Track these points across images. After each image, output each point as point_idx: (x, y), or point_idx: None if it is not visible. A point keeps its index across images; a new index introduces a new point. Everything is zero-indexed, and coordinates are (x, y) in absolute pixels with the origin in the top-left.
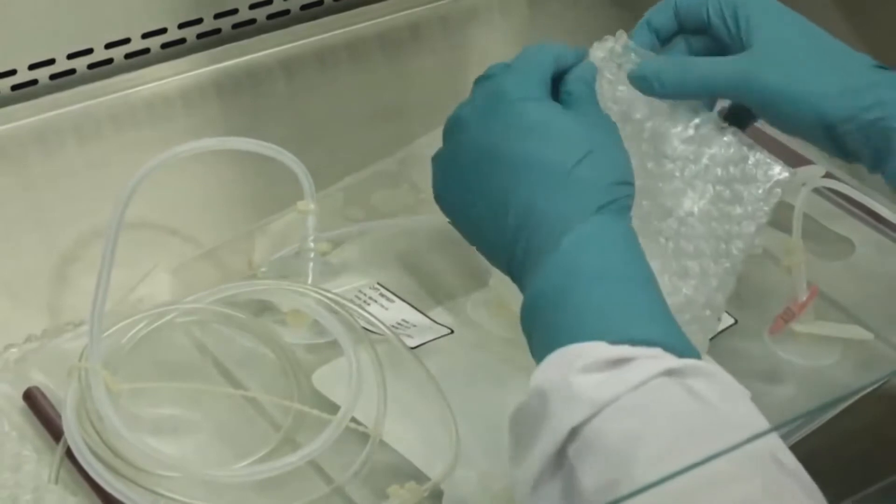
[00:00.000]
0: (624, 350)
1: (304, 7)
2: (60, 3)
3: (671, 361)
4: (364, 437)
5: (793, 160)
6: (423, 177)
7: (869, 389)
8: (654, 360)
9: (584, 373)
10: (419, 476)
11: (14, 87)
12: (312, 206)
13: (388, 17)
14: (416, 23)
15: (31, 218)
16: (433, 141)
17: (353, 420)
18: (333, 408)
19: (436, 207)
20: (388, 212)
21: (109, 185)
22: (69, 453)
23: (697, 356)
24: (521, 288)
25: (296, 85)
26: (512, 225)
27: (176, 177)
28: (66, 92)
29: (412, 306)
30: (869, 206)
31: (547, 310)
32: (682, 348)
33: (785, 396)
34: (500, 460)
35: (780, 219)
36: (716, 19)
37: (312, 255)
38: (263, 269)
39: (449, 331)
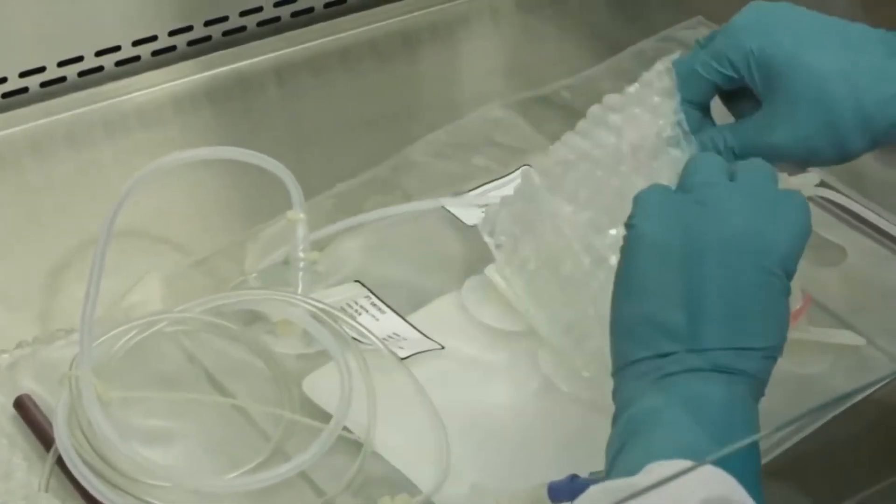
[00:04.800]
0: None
1: (294, 14)
2: (51, 11)
3: None
4: (354, 446)
5: (787, 167)
6: (415, 183)
7: (862, 395)
8: None
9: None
10: (410, 487)
11: (5, 95)
12: (302, 216)
13: (379, 24)
14: (407, 29)
15: (23, 224)
16: (425, 147)
17: (345, 429)
18: (324, 416)
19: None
20: None
21: (101, 192)
22: (60, 461)
23: None
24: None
25: (287, 91)
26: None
27: (167, 185)
28: (58, 99)
29: (404, 319)
30: (862, 214)
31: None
32: None
33: (778, 402)
34: (491, 473)
35: None
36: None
37: (302, 264)
38: (254, 276)
39: (440, 346)
